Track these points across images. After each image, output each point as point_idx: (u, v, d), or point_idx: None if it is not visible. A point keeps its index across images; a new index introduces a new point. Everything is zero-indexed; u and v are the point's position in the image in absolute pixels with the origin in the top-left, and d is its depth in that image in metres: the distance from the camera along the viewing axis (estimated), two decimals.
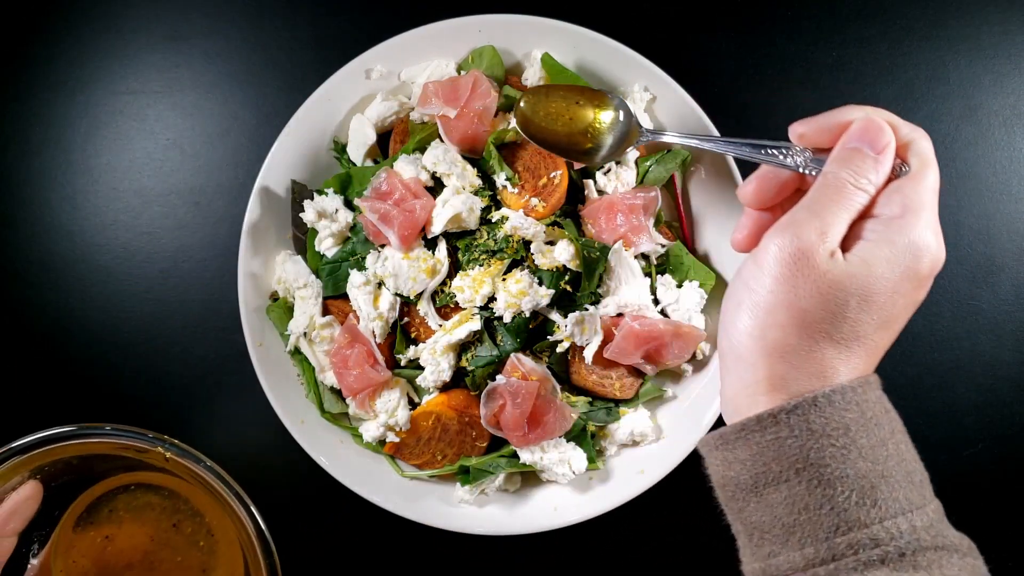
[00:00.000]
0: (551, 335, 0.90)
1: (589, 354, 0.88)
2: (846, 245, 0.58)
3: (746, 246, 0.67)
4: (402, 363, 0.92)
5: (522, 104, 0.83)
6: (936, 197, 0.59)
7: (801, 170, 0.63)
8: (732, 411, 0.61)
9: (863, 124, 0.60)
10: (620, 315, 0.89)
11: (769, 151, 0.65)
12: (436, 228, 0.88)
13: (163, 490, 0.87)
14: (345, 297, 0.92)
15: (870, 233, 0.58)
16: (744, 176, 0.89)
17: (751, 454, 0.57)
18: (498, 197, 0.91)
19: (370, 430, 0.90)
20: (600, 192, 0.92)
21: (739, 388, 0.59)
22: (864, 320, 0.56)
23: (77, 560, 0.85)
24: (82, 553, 0.86)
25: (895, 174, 0.60)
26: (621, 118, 0.83)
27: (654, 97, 0.92)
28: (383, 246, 0.90)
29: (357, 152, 0.93)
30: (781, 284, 0.56)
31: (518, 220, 0.87)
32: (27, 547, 0.84)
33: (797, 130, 0.64)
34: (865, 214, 0.59)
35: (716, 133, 0.89)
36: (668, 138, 0.82)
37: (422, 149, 0.92)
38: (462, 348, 0.90)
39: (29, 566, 0.84)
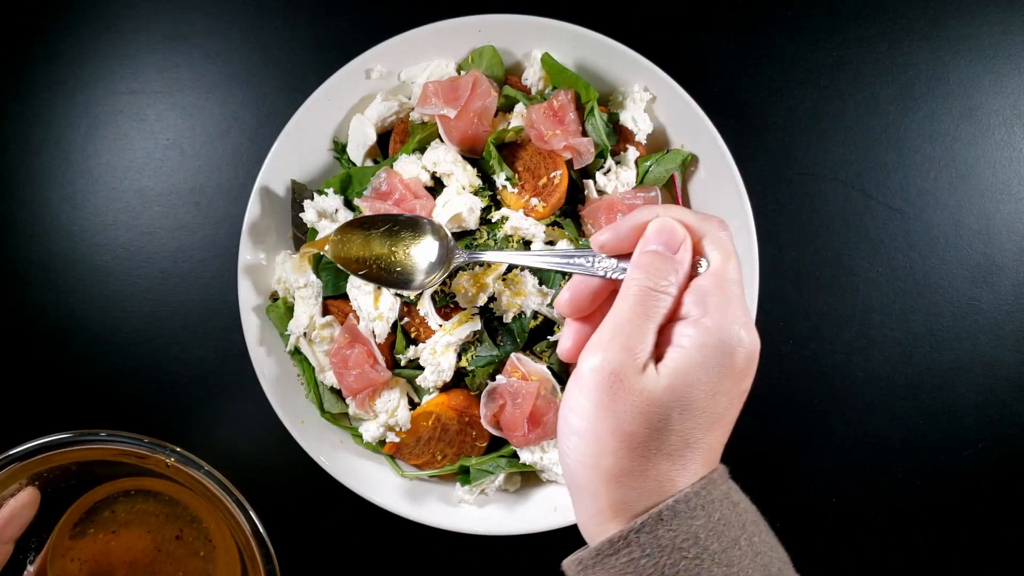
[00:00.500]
0: (551, 335, 0.90)
1: None
2: (660, 351, 0.57)
3: (572, 357, 0.66)
4: (402, 363, 0.92)
5: (332, 240, 0.83)
6: (740, 287, 0.58)
7: (609, 276, 0.63)
8: (588, 537, 0.61)
9: (656, 226, 0.60)
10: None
11: (576, 260, 0.64)
12: None
13: (161, 496, 0.87)
14: (345, 297, 0.92)
15: (680, 337, 0.57)
16: (745, 179, 0.89)
17: None
18: (498, 197, 0.91)
19: (370, 430, 0.90)
20: (600, 192, 0.92)
21: (587, 515, 0.60)
22: (690, 428, 0.56)
23: (71, 567, 0.85)
24: (78, 560, 0.85)
25: (696, 271, 0.59)
26: (435, 248, 0.82)
27: (654, 97, 0.92)
28: None
29: (357, 152, 0.94)
30: (602, 411, 0.56)
31: (518, 220, 0.87)
32: (24, 554, 0.83)
33: (598, 240, 0.63)
34: (674, 316, 0.58)
35: (716, 133, 0.89)
36: (481, 256, 0.79)
37: (422, 149, 0.92)
38: (462, 348, 0.90)
39: (26, 573, 0.83)
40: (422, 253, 0.82)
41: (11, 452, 0.79)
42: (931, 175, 1.00)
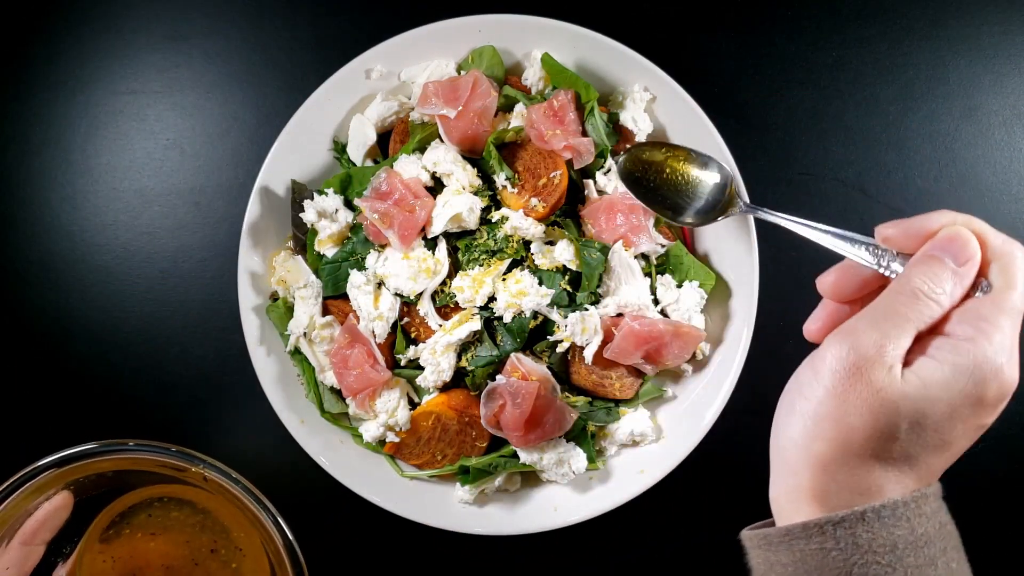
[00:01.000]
0: (551, 335, 0.90)
1: (589, 354, 0.88)
2: (910, 358, 0.55)
3: (818, 337, 0.64)
4: (402, 363, 0.92)
5: (623, 156, 0.87)
6: (1016, 320, 0.55)
7: (883, 271, 0.61)
8: (777, 511, 0.60)
9: (949, 233, 0.57)
10: (620, 315, 0.89)
11: (856, 245, 0.63)
12: (436, 228, 0.88)
13: (194, 504, 0.88)
14: (345, 297, 0.92)
15: (935, 351, 0.55)
16: (745, 179, 0.89)
17: (793, 560, 0.56)
18: (498, 197, 0.91)
19: (370, 430, 0.90)
20: (600, 192, 0.92)
21: (783, 491, 0.59)
22: (916, 442, 0.54)
23: (103, 565, 0.86)
24: (110, 558, 0.86)
25: (973, 292, 0.57)
26: (719, 182, 0.85)
27: (654, 97, 0.92)
28: (383, 246, 0.90)
29: (357, 152, 0.94)
30: (832, 397, 0.55)
31: (518, 220, 0.87)
32: (55, 556, 0.84)
33: (883, 232, 0.61)
34: (937, 329, 0.56)
35: (716, 133, 0.89)
36: (769, 217, 0.80)
37: (422, 149, 0.92)
38: (462, 348, 0.90)
39: (55, 574, 0.84)
40: (701, 192, 0.85)
41: (50, 459, 0.80)
42: (931, 175, 1.00)
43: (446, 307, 0.90)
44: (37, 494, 0.81)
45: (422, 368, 0.90)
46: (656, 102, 0.92)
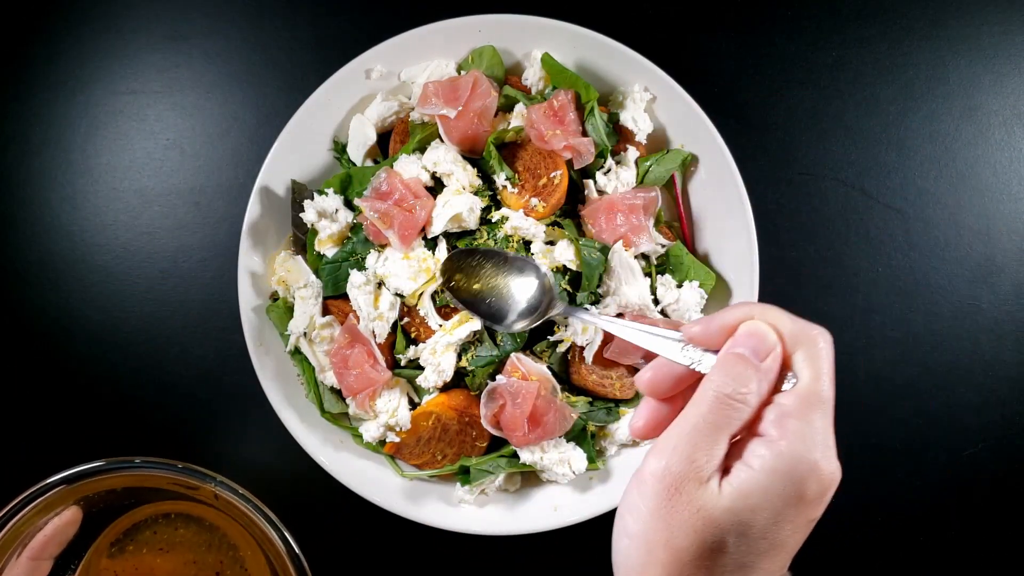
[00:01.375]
0: (551, 335, 0.90)
1: (589, 354, 0.88)
2: (729, 463, 0.55)
3: (643, 435, 0.63)
4: (402, 363, 0.92)
5: (441, 264, 0.85)
6: (826, 412, 0.54)
7: (694, 367, 0.59)
8: None
9: (747, 329, 0.56)
10: (620, 315, 0.89)
11: (667, 342, 0.61)
12: (436, 228, 0.88)
13: (202, 521, 0.88)
14: (345, 297, 0.92)
15: (751, 457, 0.54)
16: (745, 179, 0.89)
17: None
18: (498, 197, 0.91)
19: (370, 430, 0.90)
20: (600, 192, 0.92)
21: None
22: (747, 552, 0.53)
23: None
24: (115, 574, 0.86)
25: (781, 386, 0.56)
26: (537, 285, 0.83)
27: (654, 97, 0.92)
28: (383, 246, 0.90)
29: (357, 152, 0.94)
30: (658, 519, 0.54)
31: (518, 220, 0.87)
32: (63, 571, 0.85)
33: (688, 332, 0.60)
34: (751, 429, 0.55)
35: (716, 133, 0.89)
36: (586, 317, 0.77)
37: (422, 149, 0.92)
38: (462, 348, 0.90)
39: None
40: (522, 293, 0.82)
41: (58, 477, 0.80)
42: (931, 175, 1.00)
43: (446, 307, 0.90)
44: (47, 511, 0.81)
45: (422, 368, 0.90)
46: (656, 102, 0.92)
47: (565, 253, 0.88)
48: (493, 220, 0.89)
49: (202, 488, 0.82)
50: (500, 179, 0.90)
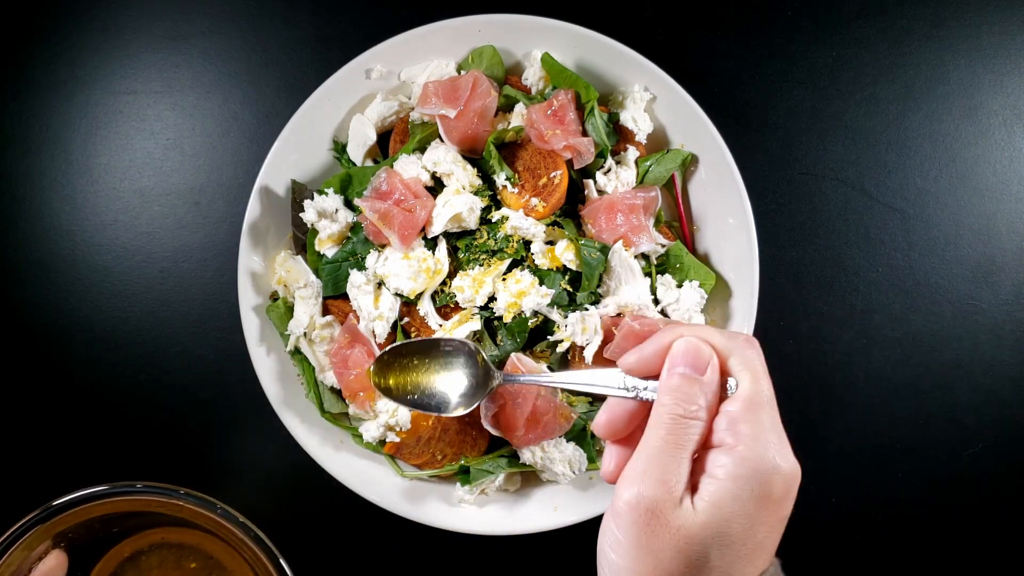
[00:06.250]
0: (551, 335, 0.90)
1: (589, 354, 0.88)
2: (695, 479, 0.56)
3: (614, 479, 0.64)
4: None
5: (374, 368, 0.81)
6: (772, 409, 0.56)
7: (642, 398, 0.61)
8: None
9: (681, 346, 0.59)
10: (620, 315, 0.89)
11: (610, 382, 0.62)
12: (436, 228, 0.88)
13: (188, 549, 0.87)
14: (345, 297, 0.92)
15: (714, 468, 0.56)
16: (745, 179, 0.89)
17: None
18: (498, 197, 0.91)
19: (370, 430, 0.90)
20: (600, 192, 0.92)
21: None
22: (730, 561, 0.55)
23: None
24: None
25: (726, 393, 0.58)
26: (471, 362, 0.80)
27: (654, 97, 0.92)
28: (383, 246, 0.90)
29: (357, 152, 0.94)
30: (640, 550, 0.55)
31: (518, 220, 0.87)
32: None
33: (625, 364, 0.62)
34: (708, 443, 0.57)
35: (716, 133, 0.89)
36: (525, 379, 0.77)
37: (422, 149, 0.92)
38: None
39: None
40: (458, 380, 0.80)
41: (34, 515, 0.78)
42: (931, 175, 1.00)
43: (446, 307, 0.90)
44: (27, 551, 0.80)
45: None
46: (656, 102, 0.92)
47: (565, 253, 0.88)
48: (493, 220, 0.89)
49: (187, 509, 0.81)
50: (500, 179, 0.90)
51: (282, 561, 0.80)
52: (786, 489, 0.56)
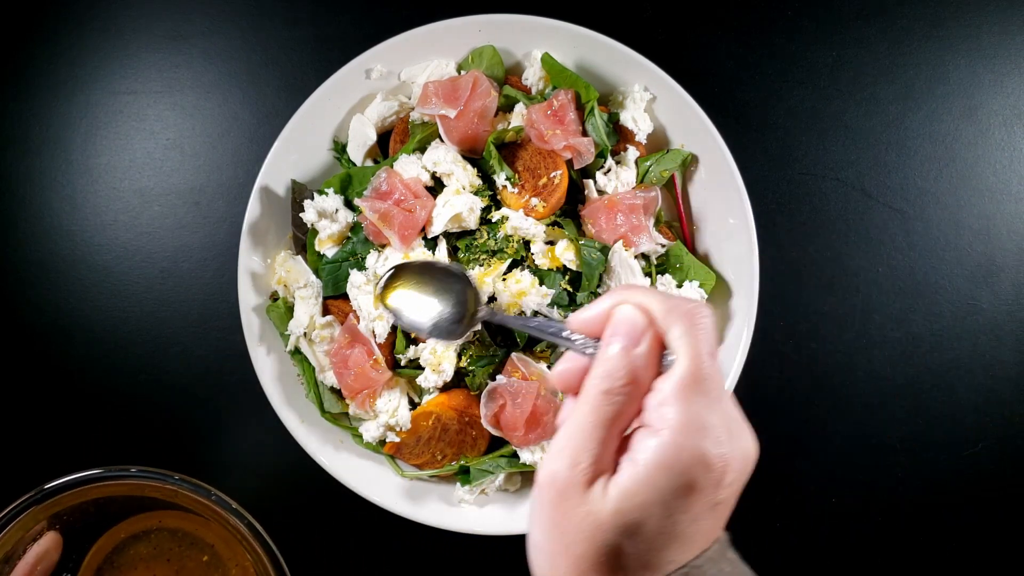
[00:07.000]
0: None
1: None
2: (619, 460, 0.51)
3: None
4: (402, 363, 0.92)
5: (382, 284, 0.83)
6: (710, 388, 0.50)
7: (590, 355, 0.55)
8: None
9: (616, 317, 0.53)
10: None
11: (569, 336, 0.57)
12: (436, 228, 0.88)
13: (181, 534, 0.87)
14: (345, 297, 0.92)
15: (636, 451, 0.50)
16: (745, 179, 0.89)
17: None
18: (498, 197, 0.91)
19: (370, 430, 0.90)
20: (600, 192, 0.92)
21: None
22: (646, 548, 0.50)
23: None
24: None
25: (662, 368, 0.52)
26: (460, 298, 0.81)
27: (654, 97, 0.92)
28: (383, 246, 0.90)
29: (357, 152, 0.94)
30: (553, 529, 0.51)
31: (518, 220, 0.87)
32: None
33: (574, 322, 0.57)
34: (642, 420, 0.52)
35: (716, 133, 0.89)
36: (499, 319, 0.80)
37: (422, 149, 0.92)
38: (462, 348, 0.90)
39: None
40: (449, 306, 0.81)
41: (29, 495, 0.79)
42: (931, 175, 1.00)
43: None
44: (21, 531, 0.80)
45: (422, 368, 0.90)
46: (656, 102, 0.92)
47: (565, 253, 0.88)
48: (493, 220, 0.89)
49: (181, 495, 0.81)
50: (500, 179, 0.90)
51: (274, 548, 0.80)
52: (716, 479, 0.49)
